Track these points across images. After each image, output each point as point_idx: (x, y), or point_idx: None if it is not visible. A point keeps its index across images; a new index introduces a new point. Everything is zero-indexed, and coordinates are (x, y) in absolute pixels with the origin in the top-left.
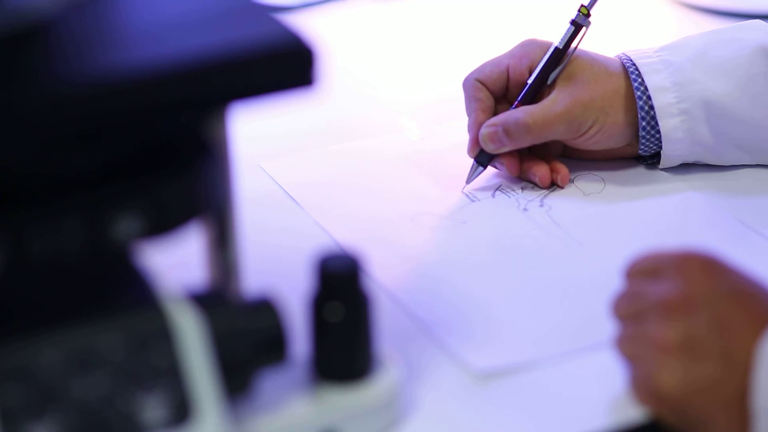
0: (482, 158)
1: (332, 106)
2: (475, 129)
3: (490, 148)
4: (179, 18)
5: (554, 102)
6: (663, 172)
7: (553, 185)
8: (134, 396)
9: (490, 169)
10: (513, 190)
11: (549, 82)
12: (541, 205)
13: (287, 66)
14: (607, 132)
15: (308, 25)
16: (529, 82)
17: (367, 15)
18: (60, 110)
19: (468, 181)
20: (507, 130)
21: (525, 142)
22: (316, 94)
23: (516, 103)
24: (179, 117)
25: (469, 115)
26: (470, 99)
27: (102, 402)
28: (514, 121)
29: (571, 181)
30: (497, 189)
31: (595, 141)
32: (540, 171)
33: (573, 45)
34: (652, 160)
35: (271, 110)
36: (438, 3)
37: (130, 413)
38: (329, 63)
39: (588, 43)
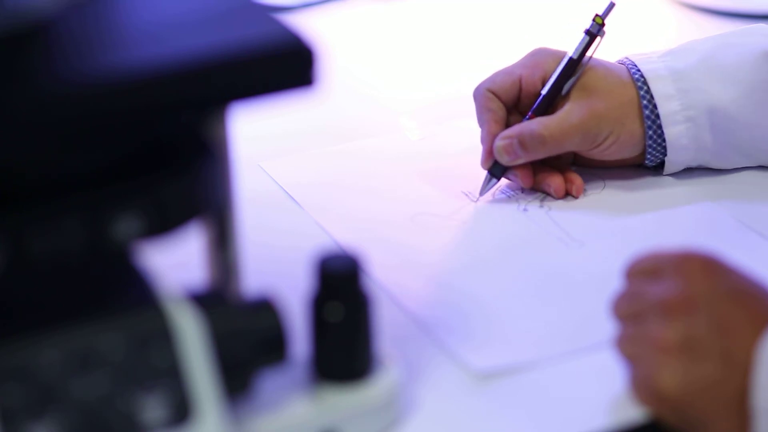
0: (496, 170)
1: (332, 106)
2: (488, 140)
3: (504, 160)
4: (179, 18)
5: (570, 113)
6: (662, 173)
7: (567, 195)
8: (134, 396)
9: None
10: (513, 191)
11: (563, 93)
12: (541, 206)
13: (287, 66)
14: (623, 143)
15: (308, 25)
16: (543, 92)
17: (367, 15)
18: (60, 110)
19: (481, 194)
20: (522, 142)
21: (540, 154)
22: (316, 94)
23: (530, 114)
24: (179, 117)
25: (481, 126)
26: (482, 110)
27: (102, 402)
28: (530, 133)
29: None
30: (497, 189)
31: (610, 152)
32: (554, 182)
33: (587, 55)
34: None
35: (271, 110)
36: (438, 3)
37: (130, 413)
38: (329, 63)
39: None
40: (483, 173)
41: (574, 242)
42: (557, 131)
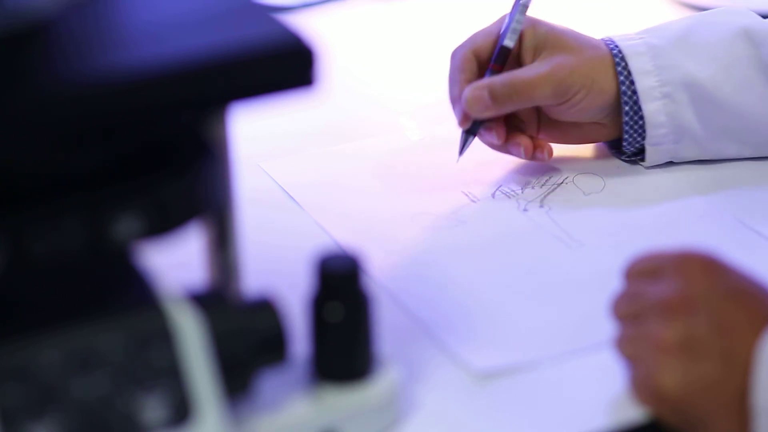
0: (471, 127)
1: (332, 106)
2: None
3: (475, 110)
4: (179, 18)
5: (541, 64)
6: (663, 172)
7: (536, 157)
8: (134, 396)
9: (490, 170)
10: (513, 190)
11: (518, 33)
12: (541, 206)
13: (287, 66)
14: (594, 99)
15: (308, 25)
16: (501, 42)
17: (367, 15)
18: (60, 110)
19: (461, 152)
20: (493, 93)
21: (510, 106)
22: (316, 94)
23: (491, 64)
24: (179, 117)
25: (452, 86)
26: (456, 71)
27: (102, 402)
28: (501, 82)
29: (572, 180)
30: (497, 189)
31: (580, 108)
32: (524, 142)
33: None
34: (637, 157)
35: (271, 110)
36: (438, 3)
37: (130, 413)
38: (329, 63)
39: None
40: (483, 174)
41: (574, 242)
42: (528, 80)
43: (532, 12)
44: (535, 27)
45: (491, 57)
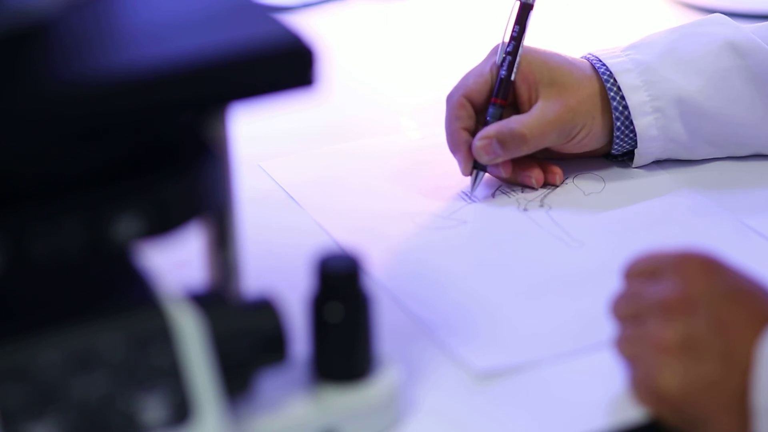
0: (479, 164)
1: (332, 106)
2: (464, 147)
3: (484, 159)
4: (179, 18)
5: (545, 110)
6: (663, 173)
7: (547, 185)
8: (134, 396)
9: (490, 169)
10: (513, 190)
11: (516, 64)
12: (541, 205)
13: (287, 66)
14: (594, 135)
15: (308, 25)
16: (502, 74)
17: (367, 15)
18: (60, 110)
19: (473, 189)
20: (502, 142)
21: (520, 153)
22: (316, 94)
23: (493, 97)
24: (179, 117)
25: (449, 135)
26: (451, 118)
27: (102, 402)
28: (510, 132)
29: (572, 180)
30: (497, 189)
31: (582, 145)
32: (534, 173)
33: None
34: (623, 158)
35: (271, 110)
36: (438, 3)
37: (130, 413)
38: (329, 63)
39: (587, 43)
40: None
41: (574, 242)
42: (537, 129)
43: (533, 15)
44: (529, 58)
45: (485, 97)
